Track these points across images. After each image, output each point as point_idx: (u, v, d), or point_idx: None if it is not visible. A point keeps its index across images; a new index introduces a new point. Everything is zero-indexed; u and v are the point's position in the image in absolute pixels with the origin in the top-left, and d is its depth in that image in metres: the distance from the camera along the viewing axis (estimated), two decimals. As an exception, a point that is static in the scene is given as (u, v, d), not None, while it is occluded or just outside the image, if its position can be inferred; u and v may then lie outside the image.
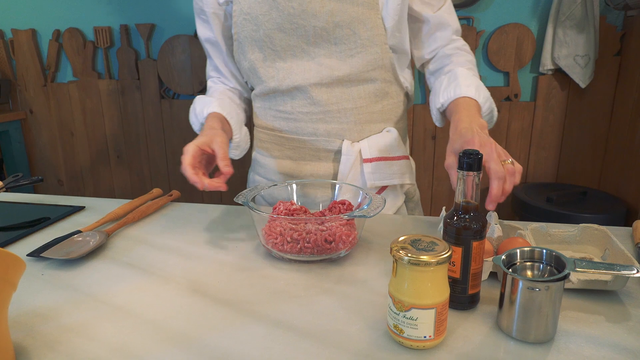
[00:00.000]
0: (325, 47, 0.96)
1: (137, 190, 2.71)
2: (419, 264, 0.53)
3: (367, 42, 0.95)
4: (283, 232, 0.77)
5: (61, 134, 2.74)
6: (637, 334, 0.58)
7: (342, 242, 0.77)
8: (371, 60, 0.97)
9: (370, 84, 0.99)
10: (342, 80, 0.98)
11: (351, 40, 0.95)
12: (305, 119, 1.01)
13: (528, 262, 0.61)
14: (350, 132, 1.02)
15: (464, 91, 0.90)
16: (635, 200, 1.87)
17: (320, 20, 0.93)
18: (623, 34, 2.04)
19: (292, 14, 0.93)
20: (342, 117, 1.00)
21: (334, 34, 0.94)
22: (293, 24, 0.94)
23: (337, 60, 0.97)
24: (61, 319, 0.63)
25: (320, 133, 1.02)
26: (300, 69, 0.98)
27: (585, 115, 2.17)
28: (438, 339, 0.56)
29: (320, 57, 0.97)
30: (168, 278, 0.74)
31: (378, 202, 0.78)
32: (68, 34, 2.53)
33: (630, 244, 0.83)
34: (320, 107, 1.00)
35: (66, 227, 0.95)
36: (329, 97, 0.99)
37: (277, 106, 1.03)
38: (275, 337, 0.58)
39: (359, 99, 1.00)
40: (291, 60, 0.98)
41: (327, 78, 0.97)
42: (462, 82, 0.92)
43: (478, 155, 0.59)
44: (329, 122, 1.01)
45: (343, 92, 0.99)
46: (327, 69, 0.97)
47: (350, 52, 0.96)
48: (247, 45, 0.99)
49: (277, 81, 1.00)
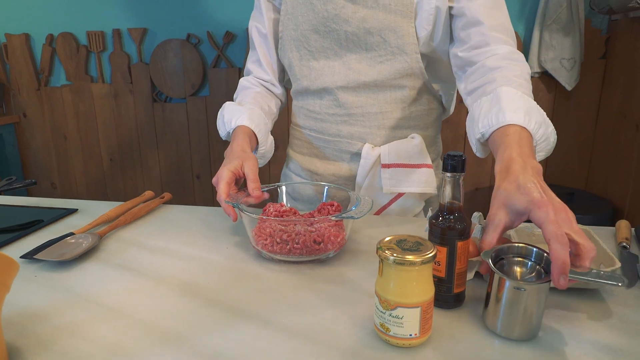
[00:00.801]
0: (357, 51, 0.97)
1: (130, 193, 2.71)
2: (404, 263, 0.54)
3: (397, 50, 0.94)
4: (273, 234, 0.78)
5: (54, 137, 2.73)
6: (618, 331, 0.59)
7: (330, 243, 0.78)
8: (400, 68, 0.95)
9: (398, 91, 0.98)
10: (369, 85, 0.98)
11: (381, 47, 0.95)
12: (330, 120, 1.04)
13: (517, 258, 0.62)
14: (372, 136, 1.02)
15: (509, 118, 0.73)
16: (621, 201, 1.90)
17: (352, 26, 0.94)
18: (608, 38, 2.07)
19: (326, 17, 0.96)
20: (366, 120, 1.01)
21: (365, 40, 0.95)
22: (327, 27, 0.96)
23: (367, 66, 0.97)
24: (54, 319, 0.64)
25: (343, 135, 1.04)
26: (330, 71, 1.00)
27: (571, 118, 2.20)
28: (423, 337, 0.57)
29: (351, 61, 0.98)
30: (160, 279, 0.75)
31: (366, 204, 0.79)
32: (61, 39, 2.53)
33: (614, 243, 0.85)
34: (344, 110, 1.02)
35: (59, 229, 0.96)
36: (354, 101, 1.00)
37: (307, 105, 1.08)
38: (264, 336, 0.59)
39: (385, 104, 0.99)
40: (324, 61, 1.01)
41: (353, 82, 0.99)
42: (505, 105, 0.74)
43: (462, 157, 0.61)
44: (353, 125, 1.02)
45: (369, 96, 0.99)
46: (355, 73, 0.98)
47: (380, 59, 0.96)
48: (287, 43, 1.04)
49: (309, 81, 1.03)
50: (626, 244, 0.82)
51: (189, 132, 2.53)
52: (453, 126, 2.29)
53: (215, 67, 2.40)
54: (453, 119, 2.26)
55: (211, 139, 2.52)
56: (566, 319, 0.62)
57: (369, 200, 0.80)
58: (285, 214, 0.86)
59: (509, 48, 0.85)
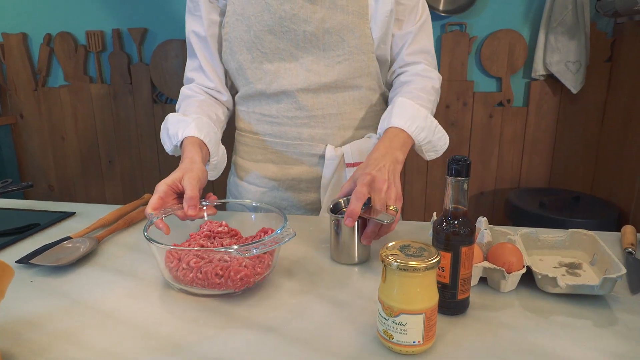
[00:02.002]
0: (313, 52, 0.97)
1: (129, 196, 2.69)
2: (407, 269, 0.53)
3: (355, 50, 0.97)
4: (182, 257, 0.70)
5: (52, 138, 2.72)
6: (623, 338, 0.59)
7: (230, 280, 0.67)
8: (358, 67, 0.99)
9: (355, 91, 1.01)
10: (329, 86, 0.99)
11: (339, 47, 0.96)
12: (289, 123, 1.02)
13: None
14: (333, 137, 1.03)
15: (393, 121, 0.90)
16: (627, 205, 1.88)
17: (311, 26, 0.94)
18: (613, 41, 2.06)
19: (283, 17, 0.94)
20: (327, 122, 1.02)
21: (323, 40, 0.96)
22: (283, 27, 0.95)
23: (325, 67, 0.98)
24: (50, 326, 0.63)
25: (304, 137, 1.03)
26: (288, 73, 0.99)
27: (577, 121, 2.19)
28: (427, 344, 0.56)
29: (308, 63, 0.98)
30: (158, 284, 0.74)
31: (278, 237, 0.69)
32: (59, 38, 2.52)
33: (619, 249, 0.84)
34: (305, 112, 1.01)
35: (56, 233, 0.95)
36: (314, 103, 1.00)
37: (261, 109, 1.04)
38: (265, 343, 0.58)
39: (344, 105, 1.02)
40: (278, 63, 0.98)
41: (314, 84, 0.99)
42: (395, 112, 0.91)
43: (467, 161, 0.60)
44: (314, 127, 1.02)
45: (329, 97, 1.00)
46: (315, 75, 0.98)
47: (338, 59, 0.97)
48: (236, 46, 0.99)
49: (264, 84, 1.00)
50: (632, 249, 0.81)
51: (189, 133, 2.52)
52: (457, 129, 2.28)
53: (216, 69, 2.39)
54: (458, 121, 2.26)
55: (211, 141, 2.51)
56: (571, 326, 0.61)
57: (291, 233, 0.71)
58: (218, 236, 0.81)
59: (423, 66, 1.02)
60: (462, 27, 2.17)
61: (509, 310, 0.65)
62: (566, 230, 0.82)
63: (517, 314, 0.64)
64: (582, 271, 0.75)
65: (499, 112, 2.24)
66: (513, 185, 2.32)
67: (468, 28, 2.18)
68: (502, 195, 2.31)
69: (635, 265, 0.75)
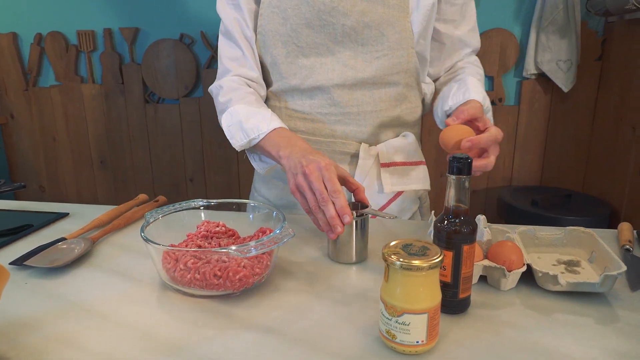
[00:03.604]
0: (351, 47, 0.94)
1: (121, 196, 2.67)
2: (411, 268, 0.53)
3: (395, 45, 0.94)
4: (180, 258, 0.69)
5: (43, 139, 2.69)
6: (625, 335, 0.59)
7: (229, 280, 0.67)
8: (396, 63, 0.96)
9: (392, 88, 0.98)
10: (366, 82, 0.96)
11: (379, 42, 0.94)
12: (323, 120, 0.99)
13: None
14: (368, 135, 1.00)
15: (473, 95, 0.91)
16: (619, 203, 1.90)
17: (350, 19, 0.92)
18: (604, 40, 2.08)
19: (322, 11, 0.91)
20: (362, 119, 0.99)
21: (362, 35, 0.93)
22: (322, 21, 0.92)
23: (363, 62, 0.95)
24: (46, 329, 0.62)
25: (337, 135, 1.00)
26: (324, 68, 0.96)
27: (568, 119, 2.20)
28: (430, 343, 0.56)
29: (345, 58, 0.95)
30: (156, 286, 0.73)
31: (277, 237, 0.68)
32: (50, 38, 2.49)
33: (616, 246, 0.84)
34: (340, 109, 0.98)
35: (50, 234, 0.93)
36: (350, 99, 0.97)
37: (293, 105, 1.00)
38: (265, 344, 0.58)
39: (380, 102, 0.98)
40: (314, 58, 0.96)
41: (350, 79, 0.96)
42: (471, 88, 0.93)
43: (468, 159, 0.59)
44: (348, 124, 0.99)
45: (364, 94, 0.97)
46: (352, 70, 0.95)
47: (377, 54, 0.95)
48: (270, 39, 0.96)
49: (298, 79, 0.97)
50: (629, 246, 0.81)
51: (182, 134, 2.50)
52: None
53: (209, 68, 2.37)
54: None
55: (204, 141, 2.50)
56: (573, 323, 0.61)
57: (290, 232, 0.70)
58: (215, 236, 0.80)
59: (474, 57, 1.08)
60: (455, 27, 2.18)
61: (509, 308, 0.65)
62: (564, 228, 0.82)
63: (518, 312, 0.64)
64: (581, 269, 0.76)
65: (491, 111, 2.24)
66: (505, 184, 2.33)
67: (461, 27, 2.18)
68: (494, 193, 2.32)
69: (634, 262, 0.75)
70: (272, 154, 0.85)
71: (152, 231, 0.75)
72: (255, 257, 0.70)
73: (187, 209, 0.85)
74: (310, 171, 0.74)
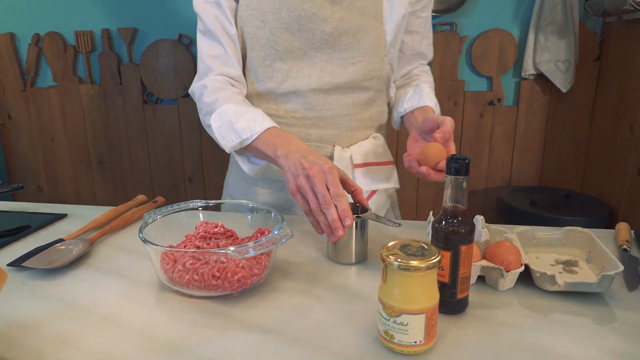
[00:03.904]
0: (327, 52, 0.96)
1: (120, 197, 2.67)
2: (408, 269, 0.53)
3: (370, 52, 0.97)
4: (178, 259, 0.69)
5: (41, 139, 2.69)
6: (622, 335, 0.59)
7: (227, 281, 0.67)
8: (370, 69, 0.99)
9: (364, 92, 1.01)
10: (341, 87, 0.98)
11: (354, 49, 0.96)
12: (298, 124, 1.00)
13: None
14: (341, 138, 1.02)
15: (427, 102, 1.02)
16: (617, 203, 1.90)
17: (329, 26, 0.93)
18: (602, 40, 2.08)
19: (302, 16, 0.92)
20: (335, 123, 1.01)
21: (339, 41, 0.95)
22: (301, 26, 0.93)
23: (338, 67, 0.97)
24: (45, 330, 0.61)
25: (312, 138, 1.01)
26: (301, 72, 0.96)
27: (566, 119, 2.20)
28: (428, 344, 0.56)
29: (321, 63, 0.96)
30: (154, 286, 0.73)
31: (276, 238, 0.68)
32: (48, 38, 2.49)
33: (614, 246, 0.85)
34: (314, 113, 0.99)
35: (48, 235, 0.93)
36: (324, 103, 0.99)
37: (268, 109, 1.00)
38: (264, 344, 0.58)
39: (353, 106, 1.01)
40: (291, 62, 0.96)
41: (327, 84, 0.97)
42: (426, 95, 1.03)
43: (466, 160, 0.60)
44: (322, 128, 1.01)
45: (339, 98, 0.99)
46: (328, 75, 0.97)
47: (352, 60, 0.97)
48: (248, 42, 0.96)
49: (275, 82, 0.98)
50: (627, 246, 0.81)
51: (180, 134, 2.50)
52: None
53: (207, 69, 2.37)
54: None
55: (203, 142, 2.49)
56: (571, 324, 0.62)
57: (288, 233, 0.70)
58: (214, 237, 0.80)
59: (428, 67, 1.17)
60: (453, 27, 2.18)
61: (507, 308, 0.65)
62: (562, 228, 0.82)
63: (516, 312, 0.64)
64: (579, 269, 0.76)
65: (489, 111, 2.25)
66: (504, 184, 2.34)
67: (459, 28, 2.18)
68: (493, 194, 2.33)
69: (631, 262, 0.75)
70: (268, 154, 0.84)
71: (150, 232, 0.74)
72: (254, 257, 0.70)
73: (185, 210, 0.85)
74: (313, 173, 0.73)
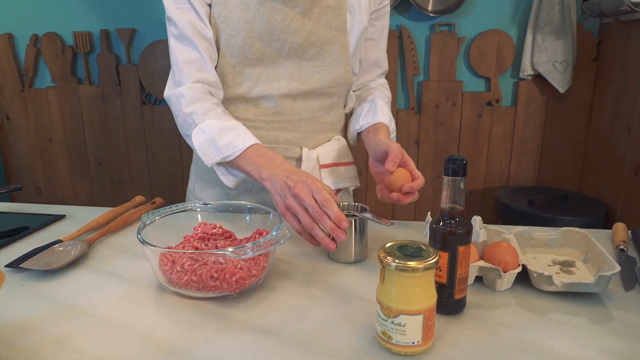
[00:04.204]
0: (296, 61, 1.00)
1: (118, 198, 2.66)
2: (406, 270, 0.53)
3: (335, 62, 1.02)
4: (176, 260, 0.69)
5: (39, 140, 2.68)
6: (619, 335, 0.59)
7: (226, 282, 0.67)
8: (335, 78, 1.04)
9: (327, 98, 1.06)
10: (307, 93, 1.03)
11: (320, 59, 1.01)
12: (267, 127, 1.03)
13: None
14: (307, 140, 1.07)
15: (381, 119, 1.05)
16: (615, 203, 1.91)
17: (299, 37, 0.97)
18: (599, 41, 2.08)
19: (274, 27, 0.95)
20: (302, 126, 1.06)
21: (307, 51, 0.99)
22: (273, 36, 0.96)
23: (305, 75, 1.01)
24: (42, 331, 0.61)
25: (280, 141, 1.05)
26: (270, 79, 1.00)
27: (564, 120, 2.21)
28: (426, 344, 0.56)
29: (290, 70, 1.00)
30: (152, 288, 0.73)
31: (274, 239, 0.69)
32: (46, 39, 2.48)
33: (611, 246, 0.85)
34: (283, 117, 1.03)
35: (46, 236, 0.93)
36: (292, 108, 1.03)
37: (237, 113, 1.02)
38: (262, 346, 0.58)
39: (318, 110, 1.06)
40: (261, 68, 0.99)
41: (295, 90, 1.01)
42: (379, 111, 1.06)
43: (463, 161, 0.60)
44: (290, 131, 1.05)
45: (305, 103, 1.04)
46: (296, 82, 1.01)
47: (318, 69, 1.02)
48: (219, 49, 0.98)
49: (245, 88, 1.00)
50: (624, 246, 0.82)
51: (179, 135, 2.49)
52: (447, 128, 2.29)
53: (205, 69, 2.37)
54: (447, 121, 2.27)
55: (201, 142, 2.49)
56: (568, 324, 0.62)
57: (286, 234, 0.71)
58: (212, 238, 0.80)
59: (384, 80, 1.21)
60: (451, 28, 2.18)
61: (505, 309, 0.65)
62: (559, 229, 0.82)
63: (514, 313, 0.64)
64: (576, 269, 0.76)
65: (487, 112, 2.25)
66: (502, 184, 2.34)
67: (457, 28, 2.19)
68: (491, 194, 2.33)
69: (628, 262, 0.76)
70: (253, 174, 0.85)
71: (148, 233, 0.75)
72: (252, 258, 0.70)
73: (183, 211, 0.85)
74: (299, 190, 0.75)
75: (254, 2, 0.93)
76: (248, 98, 1.01)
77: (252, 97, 1.01)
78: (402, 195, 0.88)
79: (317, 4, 0.97)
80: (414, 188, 0.87)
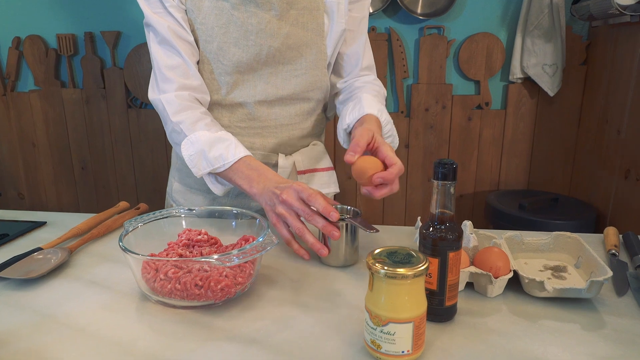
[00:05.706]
0: (273, 66, 0.98)
1: (103, 204, 2.62)
2: (395, 277, 0.52)
3: (312, 65, 1.00)
4: (160, 268, 0.67)
5: (22, 145, 2.64)
6: (612, 341, 0.58)
7: (211, 290, 0.65)
8: (312, 82, 1.01)
9: (306, 103, 1.04)
10: (284, 98, 1.01)
11: (297, 62, 0.99)
12: (242, 133, 1.02)
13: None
14: (284, 146, 1.05)
15: (367, 110, 0.94)
16: (605, 206, 1.91)
17: (276, 42, 0.95)
18: (588, 44, 2.10)
19: (249, 31, 0.93)
20: (278, 132, 1.04)
21: (284, 55, 0.97)
22: (249, 41, 0.93)
23: (282, 80, 0.99)
24: (20, 343, 0.59)
25: (256, 147, 1.03)
26: (246, 85, 0.98)
27: (554, 123, 2.22)
28: (416, 353, 0.54)
29: (266, 75, 0.98)
30: (135, 297, 0.71)
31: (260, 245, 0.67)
32: (29, 42, 2.44)
33: (603, 251, 0.84)
34: (259, 123, 1.02)
35: (26, 244, 0.91)
36: (269, 114, 1.01)
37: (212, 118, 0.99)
38: (248, 356, 0.56)
39: (295, 116, 1.04)
40: (237, 75, 0.97)
41: (271, 96, 0.99)
42: (365, 103, 0.96)
43: (453, 164, 0.59)
44: (266, 137, 1.03)
45: (282, 109, 1.02)
46: (273, 88, 0.99)
47: (295, 73, 0.99)
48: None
49: (220, 95, 0.98)
50: (615, 251, 0.81)
51: (165, 139, 2.46)
52: (436, 132, 2.29)
53: (193, 72, 2.35)
54: (437, 124, 2.27)
55: (189, 146, 2.46)
56: (560, 330, 0.61)
57: (273, 240, 0.69)
58: (197, 244, 0.78)
59: (373, 77, 1.10)
60: (440, 31, 2.18)
61: (496, 315, 0.64)
62: (550, 233, 0.81)
63: (505, 319, 0.63)
64: (568, 274, 0.75)
65: (477, 115, 2.25)
66: (492, 188, 2.34)
67: (446, 31, 2.19)
68: (482, 197, 2.33)
69: (620, 267, 0.75)
70: (244, 188, 0.85)
71: (131, 240, 0.72)
72: (238, 266, 0.68)
73: (167, 217, 0.83)
74: (286, 196, 0.76)
75: (227, 7, 0.91)
76: (223, 105, 0.99)
77: (227, 104, 0.99)
78: (373, 188, 0.79)
79: (294, 6, 0.94)
80: (386, 178, 0.77)
